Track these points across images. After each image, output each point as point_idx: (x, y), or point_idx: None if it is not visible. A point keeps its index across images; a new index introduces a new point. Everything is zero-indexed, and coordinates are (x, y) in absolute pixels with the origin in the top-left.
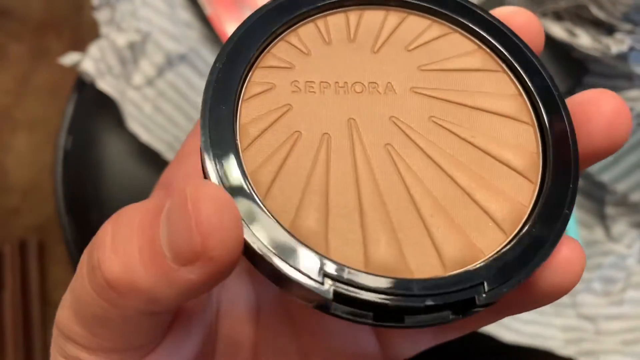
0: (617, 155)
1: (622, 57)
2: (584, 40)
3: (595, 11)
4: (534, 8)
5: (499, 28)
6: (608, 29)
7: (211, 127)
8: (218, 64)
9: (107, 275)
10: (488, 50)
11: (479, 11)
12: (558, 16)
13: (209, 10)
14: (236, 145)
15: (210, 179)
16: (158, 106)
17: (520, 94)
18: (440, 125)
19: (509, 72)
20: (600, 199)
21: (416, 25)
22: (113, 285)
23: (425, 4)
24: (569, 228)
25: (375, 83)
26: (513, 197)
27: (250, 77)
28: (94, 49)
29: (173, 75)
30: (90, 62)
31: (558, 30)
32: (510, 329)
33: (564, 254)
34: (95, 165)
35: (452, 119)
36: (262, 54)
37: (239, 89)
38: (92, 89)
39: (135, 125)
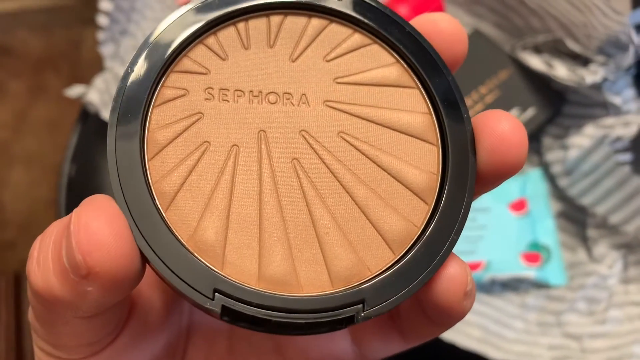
0: (596, 179)
1: (597, 87)
2: (560, 71)
3: (572, 45)
4: (515, 42)
5: (419, 43)
6: (583, 61)
7: (118, 135)
8: (130, 68)
9: (32, 286)
10: (405, 65)
11: (401, 23)
12: (537, 49)
13: None
14: (142, 155)
15: (113, 189)
16: None
17: (430, 113)
18: (348, 142)
19: (422, 90)
20: (582, 222)
21: (338, 33)
22: (38, 295)
23: (348, 12)
24: (553, 251)
25: (290, 94)
26: (406, 217)
27: (163, 82)
28: (99, 81)
29: None
30: (95, 93)
31: (537, 63)
32: (499, 349)
33: (450, 274)
34: (98, 191)
35: (361, 136)
36: (179, 57)
37: (150, 94)
38: (95, 120)
39: None
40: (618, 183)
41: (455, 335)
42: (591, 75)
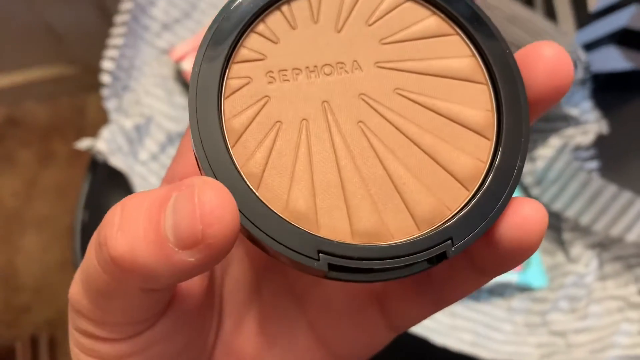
0: (562, 184)
1: None
2: None
3: None
4: None
5: None
6: None
7: (201, 130)
8: (196, 68)
9: (112, 251)
10: (442, 15)
11: None
12: None
13: None
14: (225, 143)
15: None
16: (162, 177)
17: (474, 55)
18: (405, 97)
19: (463, 35)
20: (557, 227)
21: None
22: (117, 262)
23: None
24: (533, 257)
25: (343, 63)
26: (473, 155)
27: (227, 74)
28: (105, 132)
29: (174, 150)
30: (103, 143)
31: None
32: (489, 349)
33: (525, 212)
34: None
35: (415, 89)
36: (236, 49)
37: (219, 88)
38: (104, 167)
39: None
40: (581, 186)
41: (447, 340)
42: None
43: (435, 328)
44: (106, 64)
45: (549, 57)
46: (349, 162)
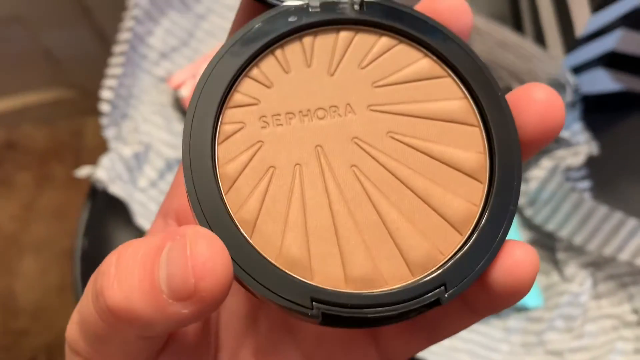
0: (555, 205)
1: None
2: None
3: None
4: None
5: (441, 33)
6: None
7: (194, 177)
8: (190, 114)
9: (109, 302)
10: (433, 57)
11: (422, 18)
12: None
13: None
14: (219, 190)
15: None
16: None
17: (466, 97)
18: (398, 140)
19: (454, 77)
20: (551, 247)
21: (366, 41)
22: (114, 312)
23: (370, 19)
24: None
25: (336, 106)
26: (465, 198)
27: (222, 119)
28: (105, 160)
29: (172, 176)
30: (102, 171)
31: None
32: None
33: (517, 256)
34: None
35: (408, 132)
36: (230, 94)
37: (213, 133)
38: (104, 195)
39: (143, 221)
40: (573, 207)
41: None
42: None
43: (432, 349)
44: (105, 93)
45: (541, 100)
46: (343, 207)
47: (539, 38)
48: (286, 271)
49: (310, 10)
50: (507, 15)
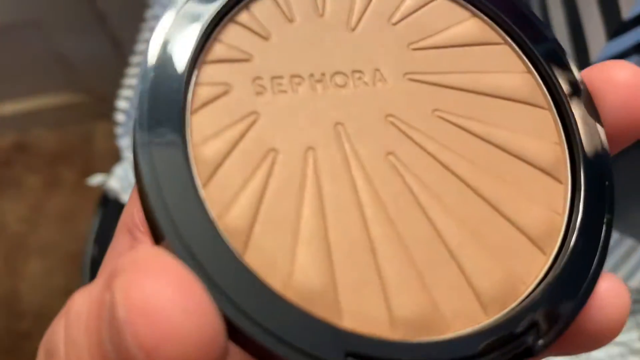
0: None
1: None
2: None
3: None
4: None
5: None
6: None
7: (153, 160)
8: (146, 66)
9: None
10: (484, 17)
11: None
12: None
13: None
14: (193, 181)
15: (162, 240)
16: None
17: (530, 71)
18: (449, 121)
19: (513, 44)
20: None
21: None
22: None
23: None
24: None
25: (361, 72)
26: (544, 204)
27: (195, 78)
28: (118, 169)
29: None
30: (115, 180)
31: None
32: None
33: (606, 286)
34: None
35: (460, 111)
36: (207, 44)
37: (183, 96)
38: (116, 204)
39: None
40: None
41: None
42: None
43: None
44: (121, 104)
45: (624, 80)
46: (379, 211)
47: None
48: (302, 307)
49: None
50: None
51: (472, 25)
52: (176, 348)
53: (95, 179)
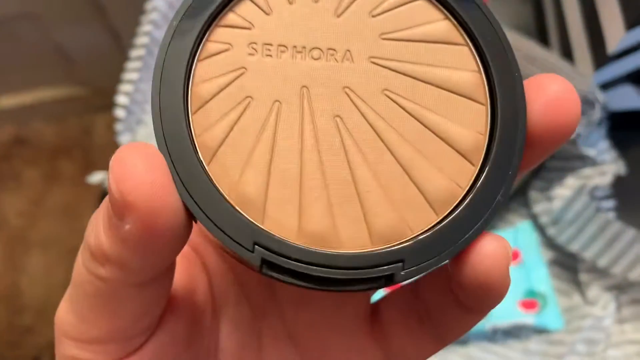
0: (580, 226)
1: (572, 141)
2: None
3: None
4: None
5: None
6: None
7: (162, 88)
8: (175, 21)
9: (87, 246)
10: (454, 21)
11: None
12: None
13: None
14: (186, 108)
15: (157, 142)
16: None
17: (479, 71)
18: (393, 100)
19: (471, 47)
20: (574, 268)
21: None
22: (92, 255)
23: None
24: (549, 297)
25: (334, 50)
26: (451, 178)
27: (208, 36)
28: None
29: None
30: None
31: None
32: None
33: (486, 249)
34: None
35: (406, 94)
36: (224, 12)
37: (196, 48)
38: None
39: None
40: (600, 229)
41: None
42: None
43: None
44: (121, 99)
45: (554, 91)
46: (315, 155)
47: (567, 53)
48: (236, 208)
49: None
50: (532, 30)
51: (442, 26)
52: (137, 186)
53: (95, 177)
